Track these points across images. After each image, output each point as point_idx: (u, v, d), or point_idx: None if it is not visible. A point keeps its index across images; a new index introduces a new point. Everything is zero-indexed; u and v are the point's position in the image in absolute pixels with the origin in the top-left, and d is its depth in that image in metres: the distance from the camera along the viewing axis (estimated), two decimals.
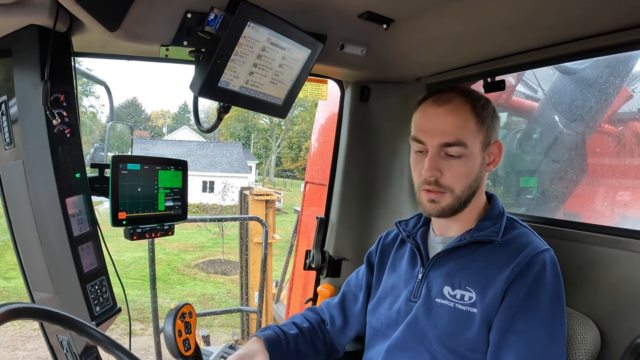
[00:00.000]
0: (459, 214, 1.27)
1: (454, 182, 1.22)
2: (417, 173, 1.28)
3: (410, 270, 1.36)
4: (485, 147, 1.25)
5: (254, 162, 43.85)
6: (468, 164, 1.22)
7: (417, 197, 1.30)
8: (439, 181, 1.22)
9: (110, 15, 1.14)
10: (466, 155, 1.21)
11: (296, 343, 1.43)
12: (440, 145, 1.21)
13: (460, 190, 1.23)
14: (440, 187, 1.22)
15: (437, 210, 1.25)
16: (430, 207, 1.25)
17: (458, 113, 1.22)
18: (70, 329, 0.89)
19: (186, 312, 1.15)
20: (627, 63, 2.36)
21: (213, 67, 1.21)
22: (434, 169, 1.21)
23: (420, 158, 1.27)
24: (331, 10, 1.33)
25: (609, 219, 2.31)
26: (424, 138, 1.24)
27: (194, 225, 21.58)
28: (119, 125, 2.94)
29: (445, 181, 1.22)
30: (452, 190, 1.22)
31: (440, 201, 1.23)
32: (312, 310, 1.60)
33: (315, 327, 1.51)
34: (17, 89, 1.27)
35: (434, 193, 1.23)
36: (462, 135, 1.20)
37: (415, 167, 1.29)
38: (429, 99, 1.29)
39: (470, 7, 1.24)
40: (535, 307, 1.12)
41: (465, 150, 1.21)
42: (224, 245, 17.95)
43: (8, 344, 9.43)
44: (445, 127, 1.21)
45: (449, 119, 1.21)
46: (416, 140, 1.27)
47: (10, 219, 1.41)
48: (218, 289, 14.50)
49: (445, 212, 1.25)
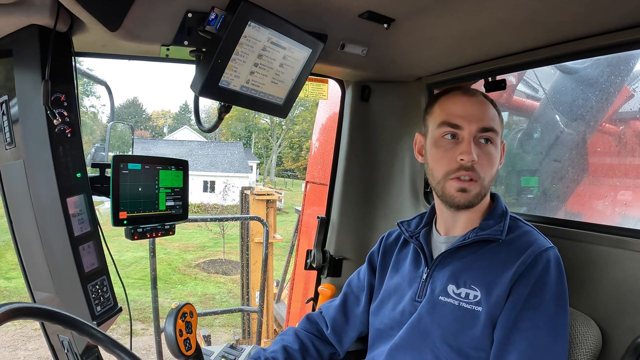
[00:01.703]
0: (470, 209, 1.27)
1: (485, 170, 1.23)
2: (448, 160, 1.24)
3: (414, 270, 1.36)
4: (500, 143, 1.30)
5: (255, 162, 43.87)
6: (495, 152, 1.25)
7: (440, 187, 1.27)
8: (475, 167, 1.21)
9: (111, 15, 1.14)
10: (495, 144, 1.25)
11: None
12: (478, 130, 1.23)
13: (488, 180, 1.24)
14: (475, 173, 1.22)
15: (466, 200, 1.23)
16: (460, 197, 1.23)
17: (487, 104, 1.28)
18: (71, 328, 0.90)
19: (187, 311, 1.15)
20: (627, 62, 2.36)
21: (214, 66, 1.21)
22: (473, 153, 1.20)
23: (451, 145, 1.25)
24: (332, 9, 1.33)
25: (610, 219, 2.30)
26: (461, 122, 1.23)
27: (195, 225, 21.58)
28: (120, 125, 2.94)
29: (479, 167, 1.22)
30: (482, 179, 1.23)
31: (471, 190, 1.22)
32: (308, 319, 1.57)
33: (307, 345, 1.48)
34: (18, 88, 1.27)
35: (466, 182, 1.22)
36: (495, 123, 1.25)
37: (444, 155, 1.25)
38: (456, 90, 1.31)
39: (471, 6, 1.24)
40: (539, 306, 1.12)
41: (496, 138, 1.25)
42: (224, 245, 17.96)
43: (9, 343, 9.44)
44: (481, 114, 1.24)
45: (484, 107, 1.26)
46: (450, 125, 1.25)
47: (11, 218, 1.41)
48: (219, 289, 14.50)
49: (473, 203, 1.24)
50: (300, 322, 1.57)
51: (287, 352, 1.43)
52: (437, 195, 1.32)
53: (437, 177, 1.27)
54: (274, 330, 6.23)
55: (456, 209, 1.27)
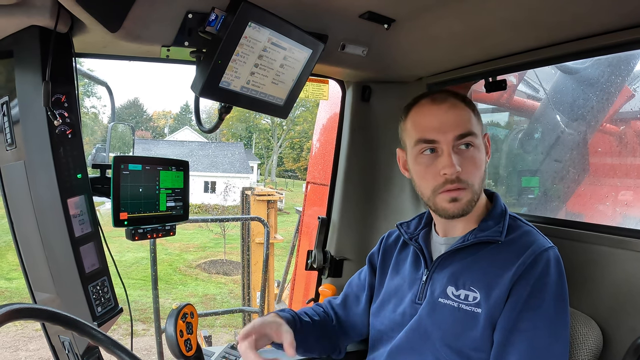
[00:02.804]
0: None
1: (472, 176, 1.21)
2: (432, 175, 1.23)
3: (414, 272, 1.36)
4: (482, 138, 1.28)
5: (256, 163, 43.88)
6: (478, 154, 1.23)
7: (432, 203, 1.25)
8: (460, 177, 1.20)
9: (111, 15, 1.14)
10: (476, 146, 1.23)
11: (306, 334, 1.40)
12: (455, 139, 1.20)
13: (477, 183, 1.23)
14: (461, 183, 1.20)
15: (459, 209, 1.21)
16: (453, 207, 1.21)
17: (457, 107, 1.24)
18: (71, 329, 0.90)
19: (188, 312, 1.15)
20: (628, 62, 2.36)
21: (214, 67, 1.21)
22: (455, 164, 1.18)
23: (431, 160, 1.23)
24: (332, 10, 1.33)
25: (610, 219, 2.30)
26: (435, 136, 1.21)
27: (196, 225, 21.59)
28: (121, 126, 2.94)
29: (465, 176, 1.20)
30: (471, 185, 1.21)
31: (461, 198, 1.21)
32: (318, 305, 1.57)
33: (323, 322, 1.49)
34: (19, 89, 1.27)
35: (454, 191, 1.20)
36: (469, 125, 1.22)
37: (426, 171, 1.24)
38: (424, 99, 1.29)
39: (471, 6, 1.24)
40: (539, 306, 1.11)
41: (476, 140, 1.23)
42: (225, 245, 17.97)
43: (10, 344, 9.45)
44: (454, 121, 1.22)
45: (455, 113, 1.23)
46: (426, 142, 1.23)
47: (11, 219, 1.41)
48: (220, 289, 14.50)
49: (466, 210, 1.22)
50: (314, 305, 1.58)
51: (310, 317, 1.45)
52: (430, 209, 1.32)
53: (426, 194, 1.26)
54: None
55: (452, 219, 1.26)
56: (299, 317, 1.41)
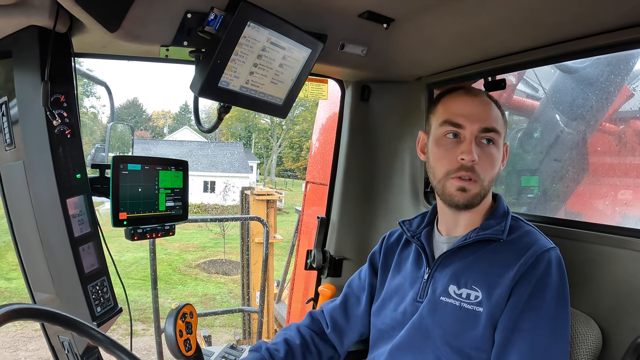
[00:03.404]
0: (471, 210, 1.27)
1: (485, 171, 1.23)
2: (449, 159, 1.24)
3: (415, 270, 1.36)
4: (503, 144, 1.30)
5: (255, 162, 43.86)
6: (497, 154, 1.25)
7: (441, 186, 1.27)
8: (475, 167, 1.21)
9: (110, 15, 1.14)
10: (497, 145, 1.25)
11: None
12: (480, 130, 1.23)
13: (488, 180, 1.24)
14: (474, 174, 1.22)
15: (465, 200, 1.23)
16: (460, 196, 1.23)
17: (491, 105, 1.28)
18: (71, 329, 0.90)
19: (187, 312, 1.15)
20: (627, 62, 2.36)
21: (213, 67, 1.21)
22: (474, 154, 1.20)
23: (452, 144, 1.25)
24: (331, 9, 1.33)
25: (610, 218, 2.30)
26: (463, 122, 1.23)
27: (196, 225, 21.59)
28: (120, 126, 2.95)
29: (479, 168, 1.22)
30: (482, 180, 1.23)
31: (470, 189, 1.22)
32: (311, 317, 1.56)
33: (308, 342, 1.47)
34: (18, 90, 1.27)
35: (466, 181, 1.22)
36: (497, 124, 1.25)
37: (445, 154, 1.25)
38: (459, 90, 1.31)
39: (471, 6, 1.23)
40: (540, 306, 1.12)
41: (499, 139, 1.25)
42: (225, 245, 17.97)
43: (10, 344, 9.45)
44: (484, 114, 1.25)
45: (487, 107, 1.26)
46: (452, 124, 1.25)
47: (11, 219, 1.41)
48: (219, 289, 14.51)
49: (473, 202, 1.24)
50: (303, 320, 1.57)
51: (289, 345, 1.43)
52: (437, 194, 1.33)
53: (438, 175, 1.28)
54: (275, 330, 6.23)
55: (456, 208, 1.27)
56: (271, 355, 1.39)
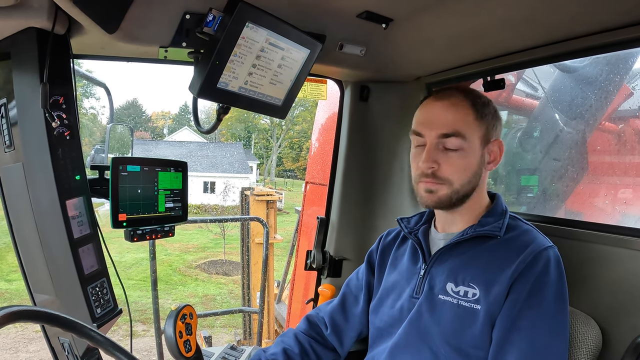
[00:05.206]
0: (459, 209, 1.28)
1: (452, 175, 1.23)
2: (415, 166, 1.29)
3: (412, 266, 1.36)
4: (484, 143, 1.26)
5: (255, 163, 43.86)
6: (466, 157, 1.24)
7: (415, 189, 1.31)
8: (436, 173, 1.23)
9: (109, 17, 1.14)
10: (464, 149, 1.23)
11: None
12: (438, 137, 1.23)
13: (459, 183, 1.23)
14: (437, 180, 1.23)
15: (433, 201, 1.25)
16: (427, 197, 1.26)
17: (457, 107, 1.25)
18: (71, 331, 0.90)
19: (187, 313, 1.15)
20: (627, 60, 2.36)
21: (212, 68, 1.21)
22: (431, 161, 1.23)
23: (419, 152, 1.28)
24: (330, 10, 1.33)
25: (610, 217, 2.30)
26: (422, 130, 1.26)
27: (196, 226, 21.59)
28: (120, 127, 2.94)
29: (442, 173, 1.23)
30: (450, 183, 1.23)
31: (437, 191, 1.24)
32: (308, 321, 1.56)
33: (307, 350, 1.47)
34: (17, 91, 1.27)
35: (430, 184, 1.24)
36: (460, 127, 1.22)
37: (413, 161, 1.31)
38: (431, 96, 1.32)
39: (469, 5, 1.23)
40: (539, 305, 1.12)
41: (464, 144, 1.22)
42: (225, 245, 17.98)
43: (10, 346, 9.45)
44: (443, 119, 1.24)
45: (448, 111, 1.25)
46: (415, 134, 1.29)
47: (10, 221, 1.41)
48: (220, 290, 14.51)
49: (442, 203, 1.25)
50: (299, 324, 1.57)
51: (287, 354, 1.42)
52: None
53: (413, 181, 1.32)
54: (275, 330, 6.23)
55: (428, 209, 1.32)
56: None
